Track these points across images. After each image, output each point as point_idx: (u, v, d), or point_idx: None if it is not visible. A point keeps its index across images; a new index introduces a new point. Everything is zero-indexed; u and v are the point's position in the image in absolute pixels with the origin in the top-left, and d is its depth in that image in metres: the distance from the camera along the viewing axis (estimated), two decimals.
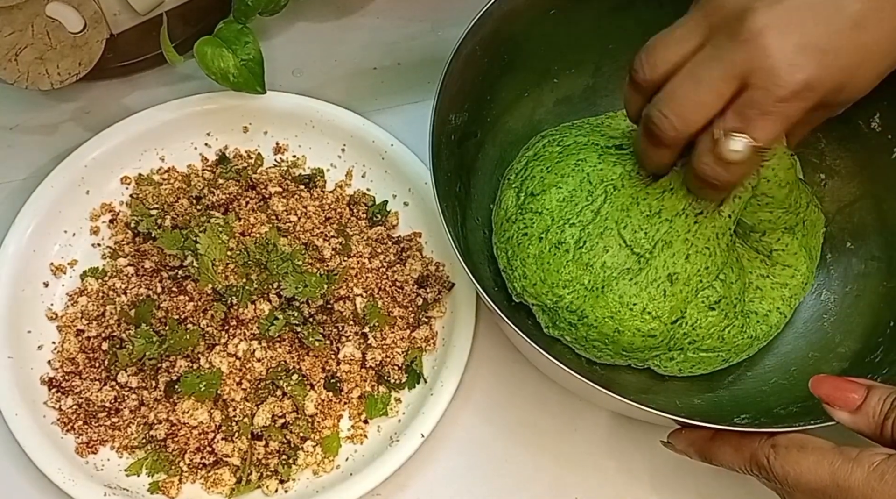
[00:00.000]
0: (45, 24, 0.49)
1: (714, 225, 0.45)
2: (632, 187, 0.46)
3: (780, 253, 0.49)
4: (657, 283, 0.45)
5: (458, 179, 0.49)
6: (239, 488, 0.46)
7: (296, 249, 0.50)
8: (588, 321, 0.46)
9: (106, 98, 0.59)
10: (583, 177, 0.48)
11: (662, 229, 0.45)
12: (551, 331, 0.48)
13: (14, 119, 0.58)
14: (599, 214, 0.46)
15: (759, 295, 0.48)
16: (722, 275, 0.46)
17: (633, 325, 0.45)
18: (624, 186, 0.46)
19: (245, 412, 0.46)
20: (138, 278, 0.51)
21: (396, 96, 0.60)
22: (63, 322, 0.50)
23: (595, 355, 0.48)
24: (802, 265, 0.49)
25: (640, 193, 0.46)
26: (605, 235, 0.46)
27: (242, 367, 0.47)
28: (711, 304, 0.46)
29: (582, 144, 0.49)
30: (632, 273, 0.45)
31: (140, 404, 0.47)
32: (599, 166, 0.48)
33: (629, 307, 0.45)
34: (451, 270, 0.52)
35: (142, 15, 0.55)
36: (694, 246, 0.45)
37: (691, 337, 0.46)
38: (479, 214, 0.51)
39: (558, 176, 0.48)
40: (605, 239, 0.46)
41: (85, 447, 0.47)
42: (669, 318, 0.45)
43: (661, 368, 0.48)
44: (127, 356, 0.47)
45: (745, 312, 0.48)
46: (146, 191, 0.54)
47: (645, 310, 0.45)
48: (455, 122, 0.48)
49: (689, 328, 0.46)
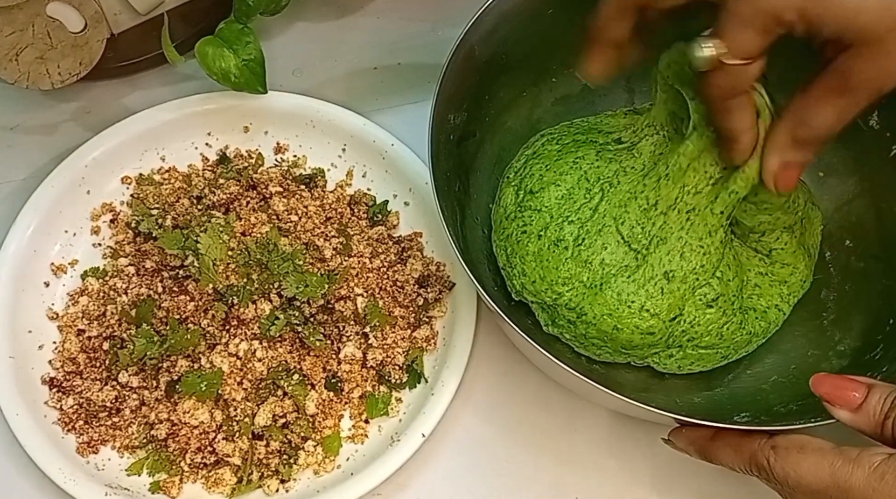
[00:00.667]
0: (46, 23, 0.49)
1: (705, 223, 0.45)
2: (628, 183, 0.46)
3: (778, 252, 0.49)
4: (654, 280, 0.45)
5: (457, 179, 0.49)
6: (240, 487, 0.46)
7: (296, 248, 0.50)
8: (587, 319, 0.46)
9: (106, 98, 0.59)
10: (580, 175, 0.48)
11: (658, 224, 0.45)
12: (550, 329, 0.48)
13: (15, 119, 0.58)
14: (597, 211, 0.47)
15: (757, 292, 0.48)
16: (718, 273, 0.46)
17: (632, 322, 0.45)
18: (620, 183, 0.47)
19: (246, 412, 0.47)
20: (139, 278, 0.51)
21: (397, 96, 0.60)
22: (64, 322, 0.50)
23: (594, 353, 0.48)
24: (801, 263, 0.49)
25: (637, 187, 0.46)
26: (603, 232, 0.46)
27: (243, 367, 0.47)
28: (709, 301, 0.46)
29: (581, 141, 0.50)
30: (630, 270, 0.46)
31: (141, 403, 0.47)
32: (597, 164, 0.48)
33: (627, 304, 0.45)
34: (451, 269, 0.52)
35: (142, 15, 0.55)
36: (688, 243, 0.45)
37: (690, 334, 0.47)
38: (479, 213, 0.51)
39: (557, 174, 0.48)
40: (604, 236, 0.46)
41: (86, 447, 0.47)
42: (668, 315, 0.46)
43: (660, 365, 0.48)
44: (128, 356, 0.47)
45: (743, 309, 0.48)
46: (147, 191, 0.54)
47: (643, 307, 0.45)
48: (454, 122, 0.48)
49: (688, 326, 0.46)
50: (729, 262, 0.47)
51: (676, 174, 0.44)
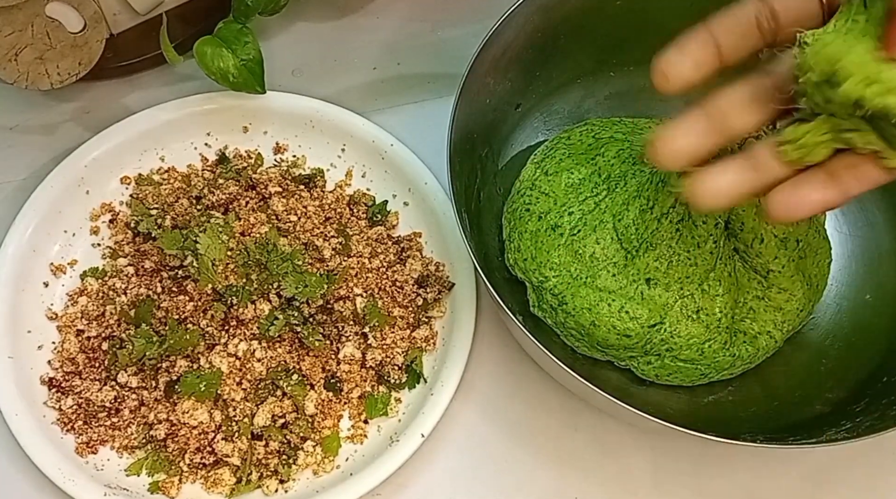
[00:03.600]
0: (45, 23, 0.49)
1: (694, 235, 0.45)
2: (636, 184, 0.46)
3: (776, 274, 0.47)
4: (637, 283, 0.45)
5: (486, 144, 0.49)
6: (239, 487, 0.46)
7: (296, 248, 0.50)
8: (567, 308, 0.46)
9: (106, 98, 0.59)
10: (594, 169, 0.48)
11: (651, 228, 0.45)
12: (535, 310, 0.49)
13: (14, 119, 0.58)
14: (599, 206, 0.47)
15: (751, 315, 0.47)
16: (705, 285, 0.46)
17: (610, 321, 0.46)
18: (628, 184, 0.47)
19: (245, 412, 0.46)
20: (138, 278, 0.51)
21: (396, 96, 0.60)
22: (63, 322, 0.50)
23: (574, 344, 0.48)
24: (798, 290, 0.48)
25: (643, 186, 0.46)
26: (599, 227, 0.46)
27: (242, 367, 0.47)
28: (690, 313, 0.46)
29: (616, 139, 0.50)
30: (617, 268, 0.46)
31: (140, 404, 0.47)
32: (612, 161, 0.48)
33: (608, 303, 0.46)
34: (451, 269, 0.52)
35: (141, 15, 0.55)
36: (676, 253, 0.45)
37: (669, 344, 0.46)
38: (503, 183, 0.51)
39: (574, 162, 0.49)
40: (599, 232, 0.46)
41: (85, 447, 0.47)
42: (647, 321, 0.46)
43: (639, 371, 0.48)
44: (127, 356, 0.47)
45: (731, 330, 0.47)
46: (146, 191, 0.54)
47: (623, 308, 0.45)
48: (492, 86, 0.47)
49: (668, 335, 0.46)
50: (720, 277, 0.46)
51: (670, 185, 0.45)
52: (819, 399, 0.47)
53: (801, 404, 0.47)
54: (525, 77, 0.50)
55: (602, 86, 0.54)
